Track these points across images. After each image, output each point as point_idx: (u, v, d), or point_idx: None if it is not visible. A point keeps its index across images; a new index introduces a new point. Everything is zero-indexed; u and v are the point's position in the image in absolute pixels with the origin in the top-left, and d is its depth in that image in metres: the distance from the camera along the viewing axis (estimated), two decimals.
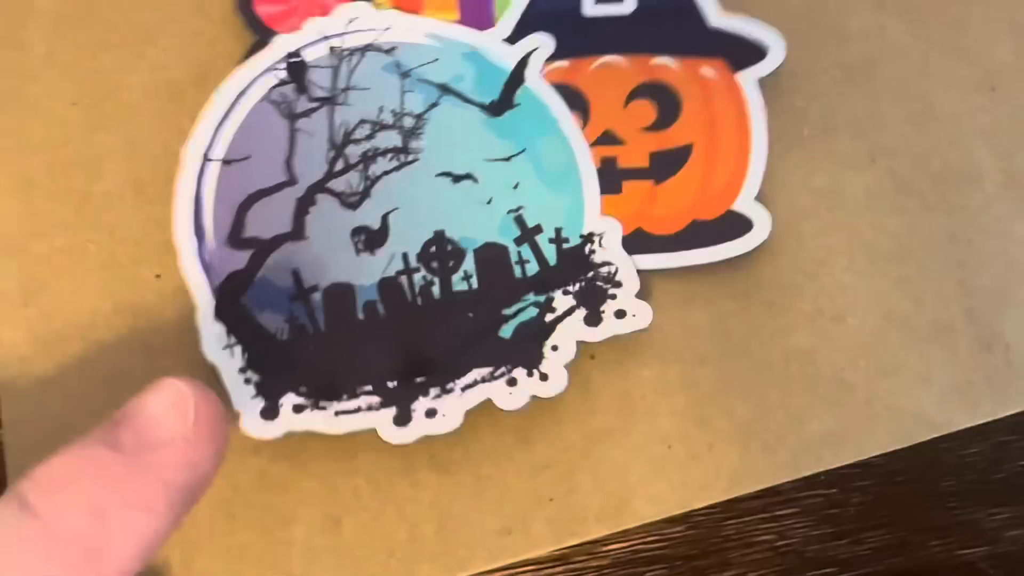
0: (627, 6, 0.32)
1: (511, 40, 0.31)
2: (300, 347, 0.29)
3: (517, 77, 0.31)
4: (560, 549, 0.28)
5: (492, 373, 0.28)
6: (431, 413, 0.28)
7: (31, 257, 0.30)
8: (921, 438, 0.29)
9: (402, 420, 0.28)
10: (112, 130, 0.31)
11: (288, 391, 0.28)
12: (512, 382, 0.28)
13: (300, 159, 0.30)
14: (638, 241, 0.29)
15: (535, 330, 0.29)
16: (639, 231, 0.30)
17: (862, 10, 0.32)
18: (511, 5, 0.32)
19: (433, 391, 0.28)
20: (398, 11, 0.32)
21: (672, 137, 0.30)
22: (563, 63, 0.31)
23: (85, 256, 0.30)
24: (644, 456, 0.29)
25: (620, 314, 0.29)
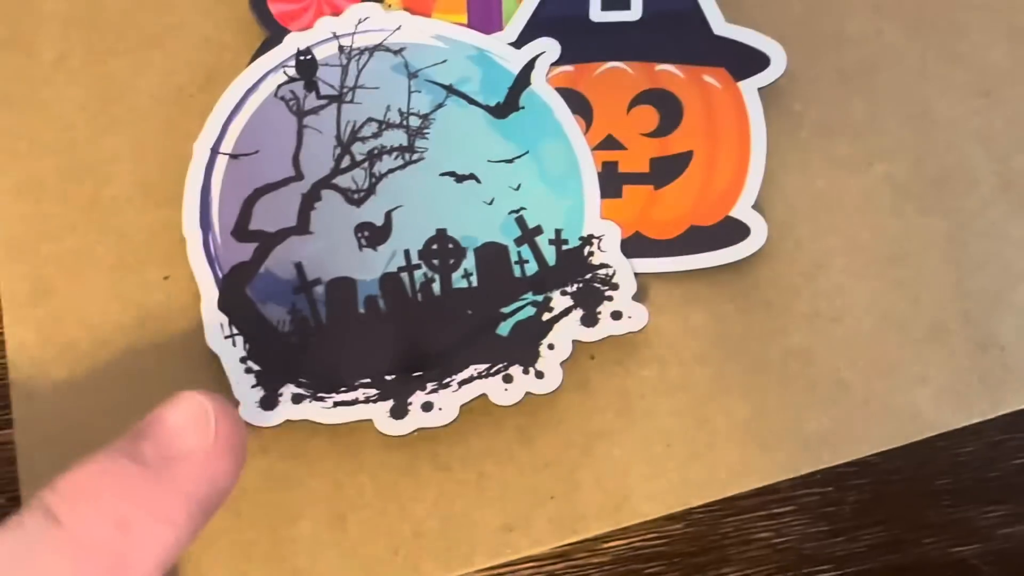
0: (634, 13, 0.32)
1: (518, 44, 0.32)
2: (301, 339, 0.29)
3: (523, 80, 0.31)
4: (561, 546, 0.29)
5: (489, 369, 0.29)
6: (427, 407, 0.28)
7: (41, 259, 0.30)
8: (917, 437, 0.29)
9: (398, 413, 0.28)
10: (121, 134, 0.32)
11: (288, 382, 0.29)
12: (508, 379, 0.29)
13: (307, 155, 0.31)
14: (637, 245, 0.30)
15: (532, 329, 0.29)
16: (638, 235, 0.30)
17: (860, 15, 0.33)
18: (519, 9, 0.32)
19: (430, 385, 0.29)
20: (408, 12, 0.32)
21: (673, 143, 0.31)
22: (568, 68, 0.32)
23: (94, 258, 0.31)
24: (644, 455, 0.29)
25: (616, 315, 0.29)
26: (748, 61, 0.31)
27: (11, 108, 0.32)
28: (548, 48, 0.31)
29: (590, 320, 0.29)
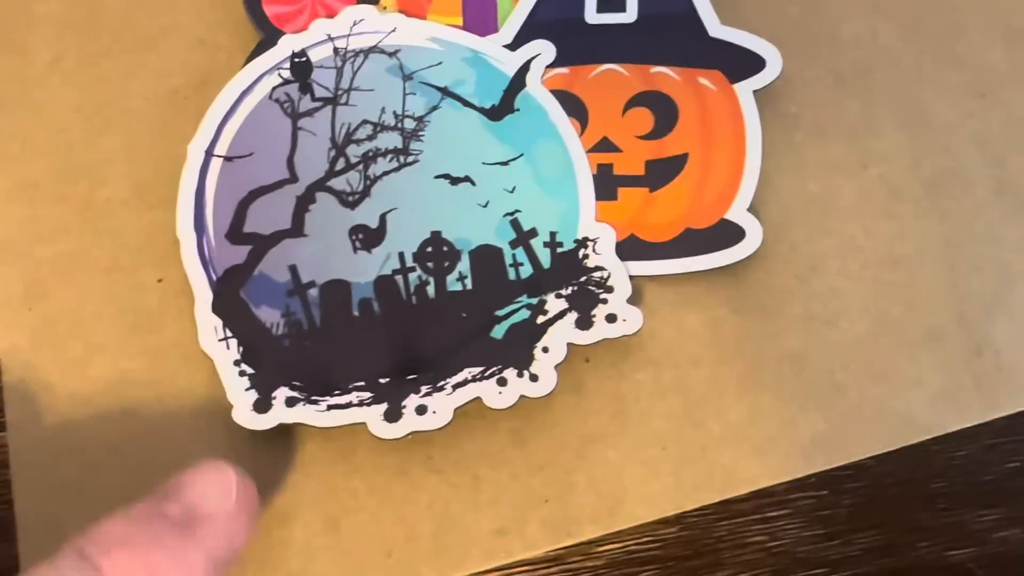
0: (629, 15, 0.32)
1: (513, 46, 0.32)
2: (295, 342, 0.29)
3: (518, 83, 0.31)
4: (555, 550, 0.29)
5: (483, 372, 0.29)
6: (421, 410, 0.28)
7: (34, 261, 0.30)
8: (911, 440, 0.29)
9: (392, 416, 0.28)
10: (115, 136, 0.32)
11: (281, 385, 0.29)
12: (502, 382, 0.28)
13: (302, 157, 0.31)
14: (632, 247, 0.30)
15: (527, 332, 0.29)
16: (633, 237, 0.30)
17: (856, 17, 0.33)
18: (514, 11, 0.32)
19: (424, 388, 0.28)
20: (403, 15, 0.32)
21: (668, 146, 0.31)
22: (563, 70, 0.32)
23: (88, 260, 0.31)
24: (638, 458, 0.29)
25: (611, 318, 0.29)
26: (743, 63, 0.31)
27: (5, 110, 0.32)
28: (543, 50, 0.32)
29: (585, 323, 0.29)
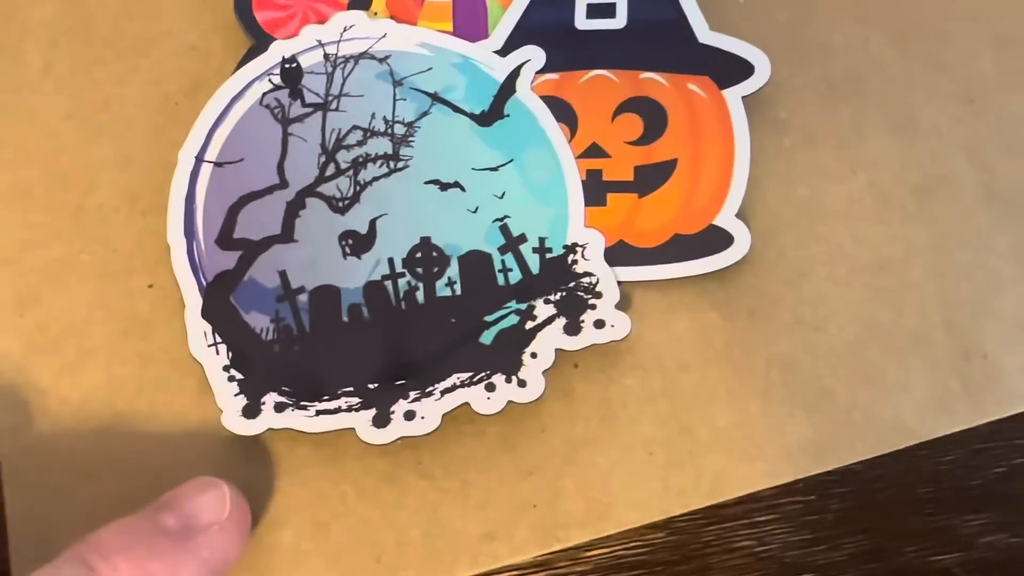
0: (619, 21, 0.32)
1: (503, 52, 0.32)
2: (284, 347, 0.29)
3: (508, 88, 0.31)
4: (543, 555, 0.29)
5: (471, 378, 0.29)
6: (410, 415, 0.28)
7: (26, 267, 0.31)
8: (899, 445, 0.29)
9: (381, 421, 0.28)
10: (106, 142, 0.32)
11: (270, 390, 0.29)
12: (491, 387, 0.29)
13: (292, 163, 0.31)
14: (620, 253, 0.30)
15: (515, 337, 0.29)
16: (622, 243, 0.30)
17: (846, 24, 0.33)
18: (504, 17, 0.32)
19: (413, 394, 0.29)
20: (393, 20, 0.32)
21: (657, 152, 0.31)
22: (553, 76, 0.32)
23: (79, 266, 0.31)
24: (627, 463, 0.29)
25: (599, 324, 0.29)
26: (732, 69, 0.31)
27: None
28: (533, 56, 0.32)
29: (573, 328, 0.29)
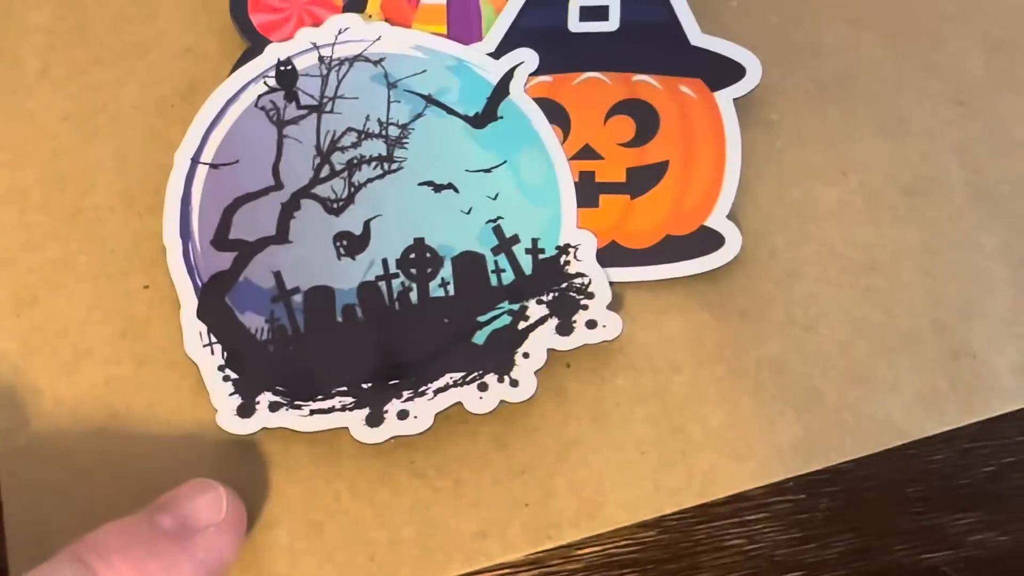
0: (612, 23, 0.32)
1: (497, 54, 0.32)
2: (279, 347, 0.29)
3: (501, 91, 0.32)
4: (535, 553, 0.29)
5: (464, 378, 0.29)
6: (403, 415, 0.29)
7: (23, 268, 0.31)
8: (889, 445, 0.29)
9: (374, 421, 0.29)
10: (103, 144, 0.32)
11: (265, 390, 0.29)
12: (483, 387, 0.29)
13: (287, 165, 0.31)
14: (613, 254, 0.30)
15: (508, 337, 0.29)
16: (614, 244, 0.30)
17: (836, 26, 0.33)
18: (498, 20, 0.32)
19: (406, 393, 0.29)
20: (388, 23, 0.32)
21: (649, 153, 0.31)
22: (546, 78, 0.32)
23: (76, 267, 0.31)
24: (618, 462, 0.29)
25: (591, 324, 0.29)
26: (724, 72, 0.31)
27: None
28: (527, 58, 0.32)
29: (565, 329, 0.29)
